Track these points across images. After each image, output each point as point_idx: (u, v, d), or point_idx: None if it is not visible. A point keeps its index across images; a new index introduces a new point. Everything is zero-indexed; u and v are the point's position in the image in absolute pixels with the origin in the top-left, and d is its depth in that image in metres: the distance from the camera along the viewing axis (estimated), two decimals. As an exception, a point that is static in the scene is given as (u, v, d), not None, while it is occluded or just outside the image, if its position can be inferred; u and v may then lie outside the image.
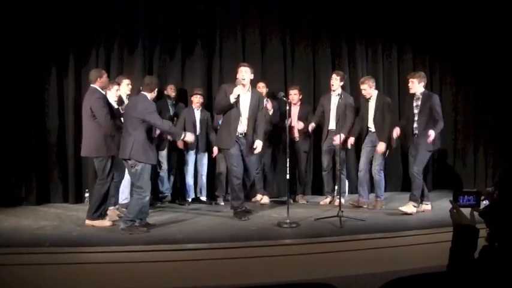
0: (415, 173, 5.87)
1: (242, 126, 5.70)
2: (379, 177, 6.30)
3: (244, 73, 5.64)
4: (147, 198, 4.98)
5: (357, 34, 7.89)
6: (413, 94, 6.05)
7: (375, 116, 6.27)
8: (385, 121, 6.22)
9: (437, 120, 5.88)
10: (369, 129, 6.34)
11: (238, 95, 5.57)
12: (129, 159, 4.94)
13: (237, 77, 5.73)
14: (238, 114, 5.64)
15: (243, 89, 5.63)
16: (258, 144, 5.72)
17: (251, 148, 5.72)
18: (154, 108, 5.14)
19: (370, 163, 6.33)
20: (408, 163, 6.22)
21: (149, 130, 5.07)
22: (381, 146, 6.15)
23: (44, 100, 6.84)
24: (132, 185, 5.04)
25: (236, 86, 5.62)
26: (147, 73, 7.12)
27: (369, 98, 6.33)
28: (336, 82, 6.56)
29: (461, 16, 7.77)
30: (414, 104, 6.03)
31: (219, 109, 5.85)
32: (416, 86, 5.98)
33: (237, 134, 5.67)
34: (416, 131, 5.97)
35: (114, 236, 4.75)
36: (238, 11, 7.57)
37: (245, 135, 5.73)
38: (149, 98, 5.12)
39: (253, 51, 7.55)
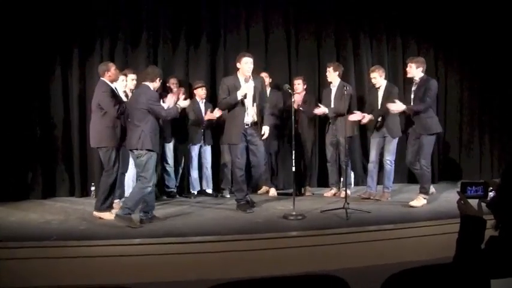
0: (424, 166, 5.75)
1: (249, 117, 5.68)
2: (390, 167, 6.26)
3: (250, 64, 5.59)
4: (149, 189, 4.94)
5: (361, 24, 7.83)
6: (412, 80, 5.92)
7: (381, 106, 6.20)
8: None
9: (426, 102, 5.68)
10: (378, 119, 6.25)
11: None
12: (136, 150, 4.95)
13: (240, 67, 5.61)
14: (244, 109, 5.63)
15: (248, 82, 5.62)
16: (266, 130, 5.72)
17: (261, 135, 5.72)
18: (158, 98, 5.16)
19: (380, 155, 6.30)
20: (406, 151, 6.03)
21: (157, 119, 5.10)
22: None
23: (48, 94, 6.84)
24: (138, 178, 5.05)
25: (236, 77, 5.63)
26: (151, 66, 7.14)
27: (378, 88, 6.29)
28: (329, 74, 6.56)
29: (466, 5, 7.69)
30: (412, 89, 5.91)
31: (224, 107, 5.78)
32: (414, 71, 5.84)
33: (244, 127, 5.65)
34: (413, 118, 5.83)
35: (120, 230, 4.75)
36: (242, 2, 7.53)
37: (255, 124, 5.70)
38: (152, 88, 5.12)
39: (257, 43, 7.50)
